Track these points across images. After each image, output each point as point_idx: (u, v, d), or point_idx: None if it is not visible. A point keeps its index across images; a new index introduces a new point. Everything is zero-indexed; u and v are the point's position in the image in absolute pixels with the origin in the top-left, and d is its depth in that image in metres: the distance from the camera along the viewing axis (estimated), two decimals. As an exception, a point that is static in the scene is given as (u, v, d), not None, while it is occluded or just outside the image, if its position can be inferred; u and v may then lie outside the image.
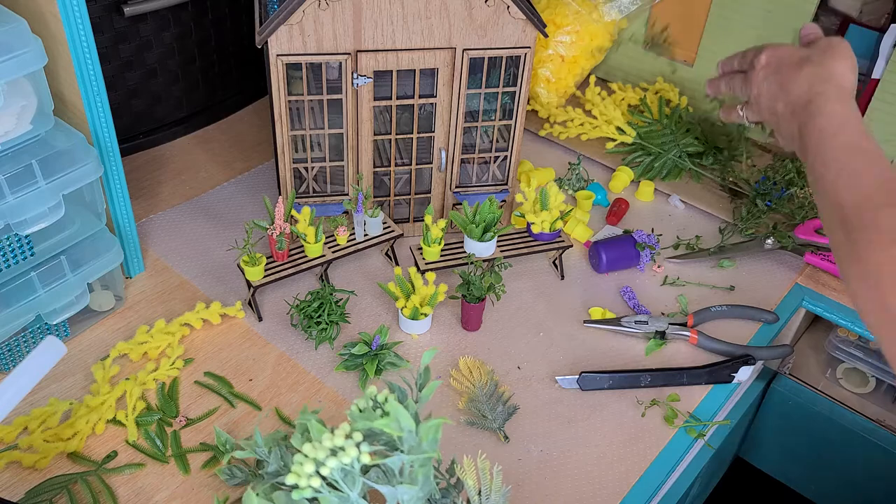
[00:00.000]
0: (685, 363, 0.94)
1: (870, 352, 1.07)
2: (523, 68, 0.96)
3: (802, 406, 1.11)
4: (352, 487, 0.51)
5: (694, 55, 1.29)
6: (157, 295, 0.99)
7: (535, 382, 0.91)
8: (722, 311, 0.99)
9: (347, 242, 1.00)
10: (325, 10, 0.87)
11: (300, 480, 0.51)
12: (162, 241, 1.07)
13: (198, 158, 1.23)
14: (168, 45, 1.16)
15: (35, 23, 0.80)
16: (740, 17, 1.20)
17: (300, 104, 0.98)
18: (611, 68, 1.39)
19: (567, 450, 0.84)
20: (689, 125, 1.25)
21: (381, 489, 0.53)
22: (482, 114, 1.02)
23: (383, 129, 1.01)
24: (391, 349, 0.91)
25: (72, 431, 0.82)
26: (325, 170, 1.02)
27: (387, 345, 0.91)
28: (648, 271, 1.07)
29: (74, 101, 0.86)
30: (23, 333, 0.88)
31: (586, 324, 0.98)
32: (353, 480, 0.52)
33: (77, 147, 0.84)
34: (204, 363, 0.92)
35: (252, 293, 0.95)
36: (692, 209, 1.17)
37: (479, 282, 0.93)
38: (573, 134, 1.27)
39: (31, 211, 0.80)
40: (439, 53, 0.93)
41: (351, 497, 0.52)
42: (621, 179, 1.19)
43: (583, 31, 1.26)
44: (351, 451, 0.50)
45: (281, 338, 0.95)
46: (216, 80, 1.26)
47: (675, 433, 0.87)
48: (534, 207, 1.01)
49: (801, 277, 1.07)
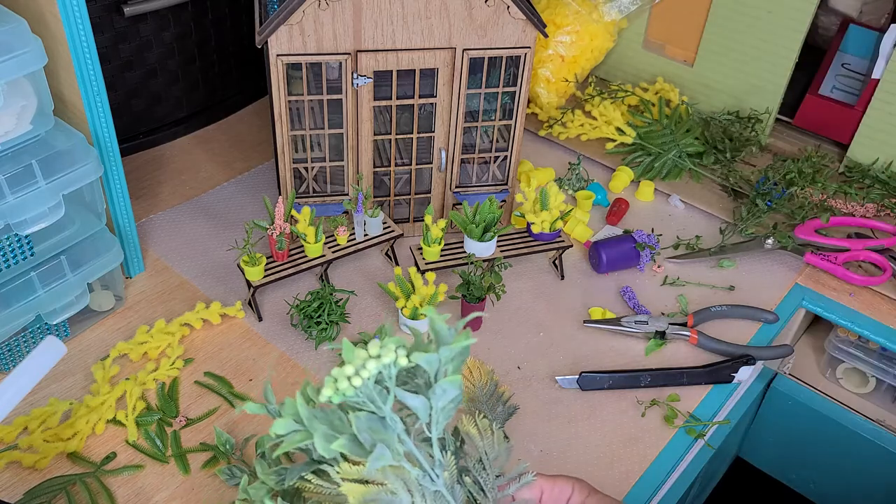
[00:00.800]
0: (685, 363, 0.94)
1: (870, 352, 1.07)
2: (523, 68, 0.96)
3: (802, 406, 1.11)
4: (384, 402, 0.50)
5: (694, 55, 1.29)
6: (157, 295, 0.99)
7: (535, 382, 0.91)
8: (722, 311, 0.99)
9: (347, 242, 1.00)
10: (325, 10, 0.87)
11: (339, 383, 0.48)
12: (162, 241, 1.07)
13: (198, 158, 1.23)
14: (168, 45, 1.16)
15: (35, 23, 0.80)
16: (740, 17, 1.20)
17: (300, 104, 0.98)
18: (611, 68, 1.39)
19: (567, 450, 0.84)
20: (689, 125, 1.25)
21: (411, 401, 0.51)
22: (482, 114, 1.02)
23: (383, 129, 1.01)
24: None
25: (72, 431, 0.82)
26: (325, 170, 1.02)
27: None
28: (648, 271, 1.07)
29: (74, 101, 0.86)
30: (23, 333, 0.88)
31: (586, 324, 0.98)
32: (385, 396, 0.50)
33: (77, 147, 0.84)
34: (204, 363, 0.92)
35: (252, 293, 0.95)
36: (692, 209, 1.17)
37: (479, 282, 0.93)
38: (573, 134, 1.27)
39: (31, 211, 0.80)
40: (439, 53, 0.93)
41: (385, 410, 0.51)
42: (621, 179, 1.19)
43: (583, 31, 1.26)
44: (389, 353, 0.49)
45: (281, 338, 0.95)
46: (216, 80, 1.26)
47: (675, 433, 0.87)
48: (534, 207, 1.01)
49: (801, 277, 1.07)
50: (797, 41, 1.17)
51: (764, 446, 1.24)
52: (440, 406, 0.53)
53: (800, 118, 1.27)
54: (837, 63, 1.33)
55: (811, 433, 1.13)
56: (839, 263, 1.05)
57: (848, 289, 1.06)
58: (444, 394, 0.52)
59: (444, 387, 0.51)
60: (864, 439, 1.07)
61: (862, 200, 1.14)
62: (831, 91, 1.27)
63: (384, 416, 0.51)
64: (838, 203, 1.14)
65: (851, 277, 1.04)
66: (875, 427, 1.07)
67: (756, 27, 1.19)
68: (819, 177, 1.16)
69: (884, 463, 1.07)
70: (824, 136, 1.28)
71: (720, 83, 1.28)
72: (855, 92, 1.26)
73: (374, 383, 0.50)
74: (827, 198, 1.15)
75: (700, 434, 0.87)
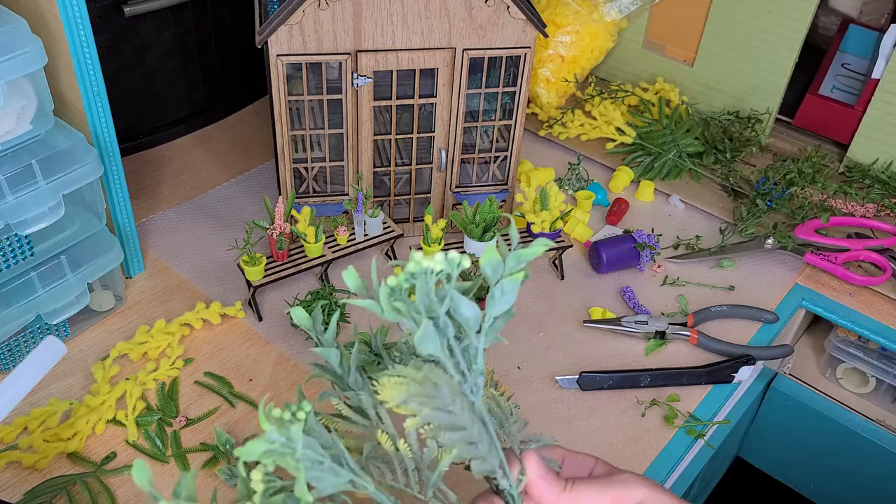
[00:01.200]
0: (685, 363, 0.94)
1: (870, 352, 1.07)
2: (523, 68, 0.96)
3: (802, 406, 1.11)
4: (441, 305, 0.50)
5: (694, 55, 1.29)
6: (156, 295, 0.99)
7: (535, 382, 0.91)
8: (722, 311, 0.99)
9: (347, 242, 1.00)
10: (325, 10, 0.87)
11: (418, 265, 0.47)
12: (162, 241, 1.07)
13: (198, 158, 1.23)
14: (168, 44, 1.16)
15: (35, 23, 0.80)
16: (740, 16, 1.20)
17: (300, 104, 0.98)
18: (611, 68, 1.39)
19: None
20: (689, 125, 1.25)
21: (465, 309, 0.51)
22: (482, 114, 1.02)
23: (383, 129, 1.01)
24: (391, 349, 0.91)
25: (72, 431, 0.82)
26: (325, 170, 1.02)
27: (387, 345, 0.91)
28: (648, 271, 1.07)
29: (74, 101, 0.86)
30: (23, 333, 0.88)
31: (586, 324, 0.98)
32: (441, 299, 0.50)
33: (77, 147, 0.84)
34: (204, 363, 0.92)
35: (252, 293, 0.95)
36: (692, 209, 1.17)
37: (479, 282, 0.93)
38: (573, 134, 1.27)
39: (30, 211, 0.80)
40: (439, 53, 0.93)
41: (439, 311, 0.50)
42: (621, 179, 1.19)
43: (583, 31, 1.26)
44: (454, 255, 0.48)
45: (281, 338, 0.95)
46: (216, 80, 1.26)
47: (675, 433, 0.87)
48: (534, 207, 1.01)
49: (801, 277, 1.07)
50: (797, 41, 1.17)
51: (764, 446, 1.24)
52: (494, 314, 0.52)
53: (800, 118, 1.27)
54: (837, 63, 1.33)
55: (811, 433, 1.13)
56: (839, 263, 1.05)
57: (848, 289, 1.06)
58: (502, 296, 0.51)
59: (503, 288, 0.50)
60: (864, 439, 1.07)
61: (862, 200, 1.14)
62: (831, 91, 1.27)
63: (437, 317, 0.50)
64: (838, 203, 1.14)
65: (851, 277, 1.04)
66: (875, 427, 1.07)
67: (756, 27, 1.19)
68: (819, 177, 1.16)
69: (884, 463, 1.07)
70: (824, 136, 1.28)
71: (720, 83, 1.28)
72: (855, 92, 1.26)
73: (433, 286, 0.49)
74: (827, 198, 1.15)
75: (700, 434, 0.87)
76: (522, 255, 0.50)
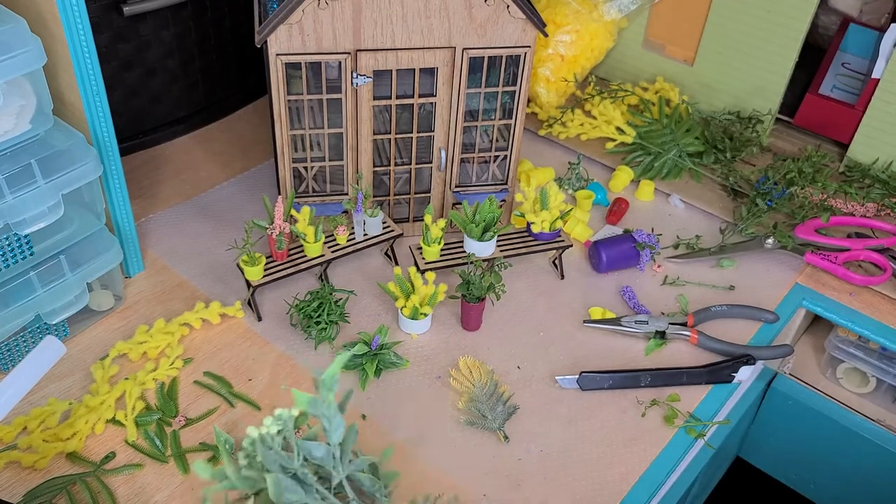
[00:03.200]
0: (685, 363, 0.94)
1: (870, 352, 1.07)
2: (523, 67, 0.96)
3: (802, 406, 1.11)
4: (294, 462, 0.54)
5: (694, 55, 1.28)
6: (156, 295, 0.99)
7: (535, 382, 0.91)
8: (722, 311, 0.99)
9: (347, 242, 1.00)
10: (325, 10, 0.87)
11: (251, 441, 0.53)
12: (161, 241, 1.07)
13: (197, 158, 1.22)
14: (167, 44, 1.16)
15: (35, 22, 0.80)
16: (740, 16, 1.20)
17: (300, 104, 0.98)
18: (611, 68, 1.39)
19: (567, 450, 0.84)
20: (689, 125, 1.25)
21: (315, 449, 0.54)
22: (482, 113, 1.02)
23: (383, 128, 1.01)
24: (391, 349, 0.91)
25: (71, 431, 0.82)
26: (324, 169, 1.02)
27: (387, 345, 0.91)
28: (648, 271, 1.07)
29: (74, 100, 0.86)
30: (22, 333, 0.88)
31: (586, 324, 0.98)
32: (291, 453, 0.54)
33: (76, 147, 0.84)
34: (203, 363, 0.91)
35: (251, 293, 0.95)
36: (692, 209, 1.17)
37: (478, 282, 0.93)
38: (573, 134, 1.27)
39: (30, 210, 0.80)
40: (439, 53, 0.92)
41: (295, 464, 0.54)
42: (621, 179, 1.19)
43: (583, 30, 1.26)
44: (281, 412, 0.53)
45: (281, 338, 0.95)
46: (216, 80, 1.26)
47: (675, 433, 0.87)
48: (534, 207, 1.01)
49: (801, 277, 1.07)
50: (797, 41, 1.17)
51: (764, 446, 1.23)
52: (336, 440, 0.55)
53: (800, 118, 1.27)
54: (837, 63, 1.32)
55: (811, 433, 1.13)
56: (839, 263, 1.05)
57: (848, 288, 1.05)
58: (333, 430, 0.54)
59: (331, 421, 0.54)
60: (864, 439, 1.07)
61: (862, 200, 1.14)
62: (831, 91, 1.27)
63: (295, 472, 0.54)
64: (838, 203, 1.14)
65: (851, 277, 1.04)
66: (875, 427, 1.07)
67: (756, 27, 1.19)
68: (819, 176, 1.16)
69: (884, 463, 1.07)
70: (824, 136, 1.28)
71: (720, 83, 1.28)
72: (855, 91, 1.26)
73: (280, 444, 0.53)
74: (827, 197, 1.15)
75: (700, 434, 0.87)
76: (326, 381, 0.54)
